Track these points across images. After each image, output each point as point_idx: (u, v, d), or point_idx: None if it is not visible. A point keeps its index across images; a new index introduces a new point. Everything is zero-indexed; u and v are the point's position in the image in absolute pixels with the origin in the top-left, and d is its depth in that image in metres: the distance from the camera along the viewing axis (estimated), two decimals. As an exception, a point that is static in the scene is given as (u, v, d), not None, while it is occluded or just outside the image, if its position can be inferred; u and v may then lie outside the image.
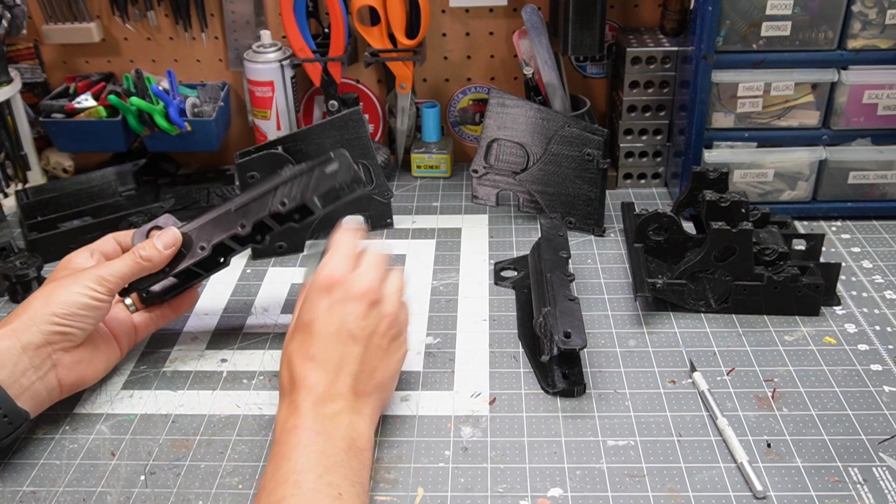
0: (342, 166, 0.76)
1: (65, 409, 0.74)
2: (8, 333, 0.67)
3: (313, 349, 0.65)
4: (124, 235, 0.79)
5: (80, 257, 0.76)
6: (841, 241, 0.97)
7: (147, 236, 0.77)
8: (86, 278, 0.70)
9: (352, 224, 0.72)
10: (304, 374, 0.64)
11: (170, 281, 0.79)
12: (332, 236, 0.72)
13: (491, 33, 1.15)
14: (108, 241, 0.78)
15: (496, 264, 0.95)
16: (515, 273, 0.93)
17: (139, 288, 0.77)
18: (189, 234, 0.77)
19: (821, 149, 0.99)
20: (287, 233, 0.97)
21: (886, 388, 0.74)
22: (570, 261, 0.84)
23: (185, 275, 0.78)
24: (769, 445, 0.68)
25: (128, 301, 0.79)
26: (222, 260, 0.80)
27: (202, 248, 0.76)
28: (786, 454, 0.67)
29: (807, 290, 0.83)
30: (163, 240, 0.74)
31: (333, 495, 0.57)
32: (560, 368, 0.76)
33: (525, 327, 0.84)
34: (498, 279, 0.92)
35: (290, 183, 0.76)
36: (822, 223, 1.01)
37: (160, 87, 1.07)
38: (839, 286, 0.88)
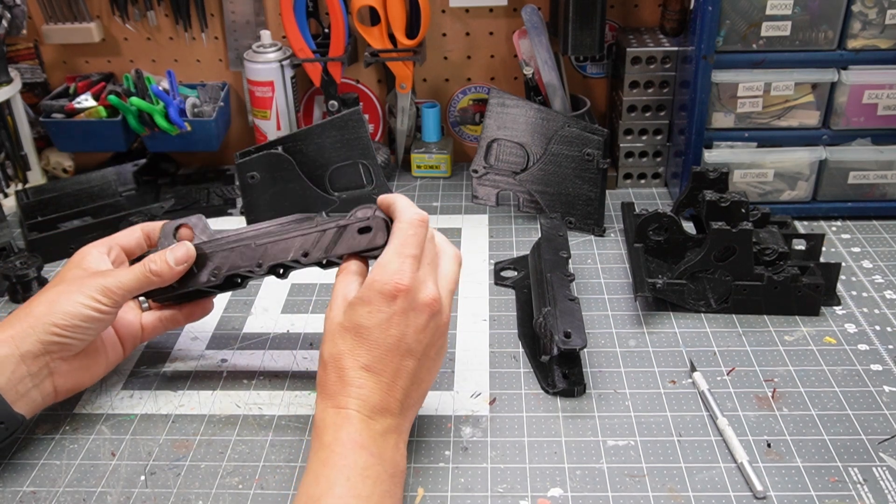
0: (376, 229, 0.68)
1: (65, 409, 0.74)
2: (7, 340, 0.65)
3: (369, 359, 0.61)
4: (153, 228, 0.76)
5: (95, 253, 0.72)
6: (841, 241, 0.97)
7: (175, 234, 0.75)
8: (90, 288, 0.67)
9: (415, 213, 0.64)
10: (357, 381, 0.60)
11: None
12: (396, 224, 0.64)
13: (491, 33, 1.15)
14: (134, 232, 0.75)
15: (496, 264, 0.95)
16: (515, 273, 0.93)
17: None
18: (204, 253, 0.74)
19: (821, 149, 0.99)
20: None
21: (886, 388, 0.74)
22: (570, 261, 0.84)
23: (197, 291, 0.76)
24: (769, 445, 0.68)
25: (141, 297, 0.76)
26: (239, 281, 0.77)
27: (214, 276, 0.73)
28: (786, 454, 0.67)
29: (807, 290, 0.83)
30: (175, 255, 0.71)
31: None
32: (560, 368, 0.76)
33: (525, 327, 0.84)
34: (498, 279, 0.92)
35: (319, 235, 0.71)
36: (822, 223, 1.01)
37: (160, 87, 1.07)
38: (839, 286, 0.88)
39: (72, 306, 0.67)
